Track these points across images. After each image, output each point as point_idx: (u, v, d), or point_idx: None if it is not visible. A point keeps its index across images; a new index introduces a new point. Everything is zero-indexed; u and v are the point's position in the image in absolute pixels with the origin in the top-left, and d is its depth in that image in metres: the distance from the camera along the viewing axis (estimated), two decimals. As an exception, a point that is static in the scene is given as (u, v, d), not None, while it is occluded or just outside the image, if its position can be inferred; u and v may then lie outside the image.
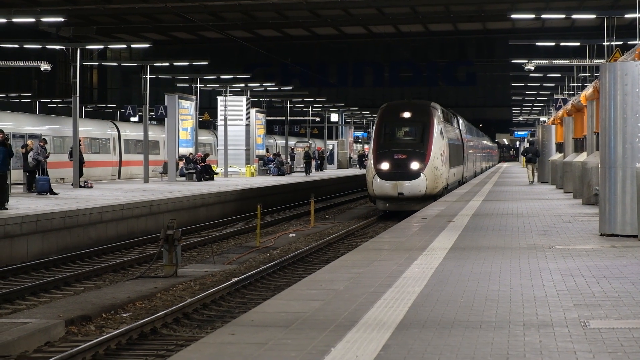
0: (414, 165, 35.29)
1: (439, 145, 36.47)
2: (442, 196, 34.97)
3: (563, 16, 54.63)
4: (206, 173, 48.97)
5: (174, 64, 56.83)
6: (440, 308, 9.84)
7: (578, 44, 53.12)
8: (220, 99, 57.96)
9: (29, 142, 34.31)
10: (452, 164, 40.05)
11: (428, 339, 8.34)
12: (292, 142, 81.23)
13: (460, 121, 51.78)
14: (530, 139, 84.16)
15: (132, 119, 60.64)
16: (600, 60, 40.93)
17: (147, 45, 49.93)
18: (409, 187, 35.01)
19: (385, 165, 35.46)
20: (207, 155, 52.64)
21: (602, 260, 13.73)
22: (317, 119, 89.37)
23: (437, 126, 36.89)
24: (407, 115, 37.22)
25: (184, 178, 49.08)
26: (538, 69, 55.24)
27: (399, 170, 35.37)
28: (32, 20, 46.87)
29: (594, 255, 14.32)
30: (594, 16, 49.83)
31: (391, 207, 36.04)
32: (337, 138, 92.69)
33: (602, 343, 8.08)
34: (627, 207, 16.45)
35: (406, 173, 35.27)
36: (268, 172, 61.78)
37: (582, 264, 13.32)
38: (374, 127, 37.61)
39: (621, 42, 41.26)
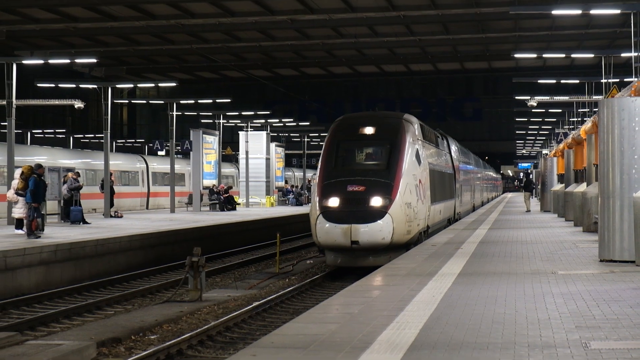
0: (375, 201, 23.61)
1: (413, 173, 25.10)
2: (420, 243, 24.49)
3: (563, 55, 54.68)
4: (229, 203, 49.07)
5: (199, 101, 56.95)
6: (450, 330, 9.80)
7: (577, 81, 53.12)
8: (241, 134, 58.17)
9: (69, 174, 34.48)
10: (435, 198, 29.37)
11: (438, 360, 8.31)
12: (310, 174, 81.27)
13: (452, 144, 40.91)
14: (528, 172, 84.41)
15: (159, 153, 60.87)
16: (599, 97, 40.90)
17: (174, 84, 50.14)
18: (368, 233, 23.22)
19: (333, 201, 23.75)
20: (229, 187, 52.76)
21: (602, 284, 13.66)
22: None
23: (412, 146, 25.63)
24: (368, 131, 25.68)
25: (208, 208, 49.16)
26: (540, 104, 55.22)
27: (353, 208, 23.57)
28: (67, 61, 47.13)
29: (594, 280, 14.26)
30: (592, 55, 49.88)
31: (342, 261, 24.24)
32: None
33: (602, 363, 8.04)
34: (625, 235, 16.40)
35: (363, 212, 23.49)
36: (287, 202, 61.82)
37: (583, 288, 13.26)
38: (323, 148, 26.05)
39: (618, 80, 41.25)
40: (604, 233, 16.85)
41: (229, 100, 56.16)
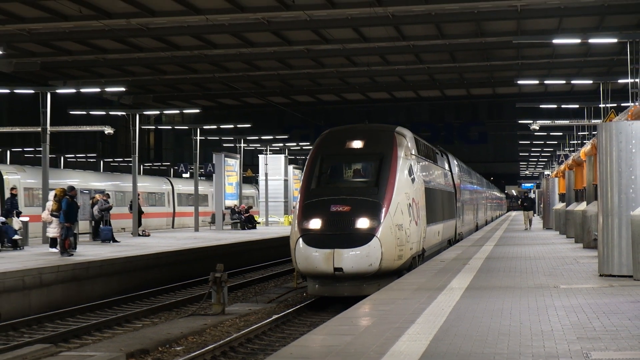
0: (362, 223, 19.84)
1: (405, 191, 21.30)
2: (413, 269, 20.94)
3: (563, 82, 54.63)
4: (249, 222, 49.08)
5: (221, 126, 57.15)
6: (458, 341, 9.79)
7: (577, 106, 53.02)
8: (261, 157, 58.29)
9: (97, 195, 34.60)
10: (432, 219, 25.54)
11: (447, 369, 8.30)
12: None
13: (453, 161, 36.86)
14: (528, 193, 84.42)
15: (184, 175, 61.06)
16: (597, 121, 40.80)
17: (197, 111, 50.43)
18: (353, 258, 19.40)
19: (315, 223, 20.04)
20: (250, 206, 52.77)
21: (602, 298, 13.62)
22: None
23: (405, 162, 21.78)
24: (356, 144, 21.97)
25: (229, 227, 49.18)
26: (542, 128, 55.23)
27: (336, 231, 19.82)
28: (97, 90, 47.44)
29: (594, 294, 14.22)
30: (591, 82, 49.83)
31: (324, 290, 20.38)
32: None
33: (602, 372, 8.02)
34: (623, 250, 16.37)
35: (348, 236, 19.71)
36: (304, 221, 61.72)
37: (584, 301, 13.23)
38: (305, 163, 22.32)
39: (615, 104, 41.16)
40: (603, 249, 16.81)
41: (249, 126, 56.30)
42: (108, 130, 40.15)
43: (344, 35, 46.47)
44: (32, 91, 37.01)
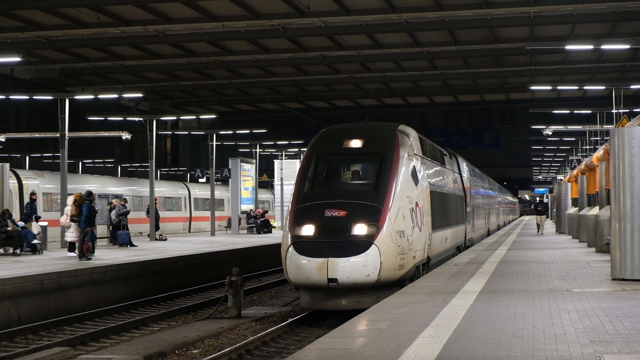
0: (359, 229, 17.86)
1: (407, 195, 19.34)
2: (415, 279, 19.17)
3: (576, 87, 54.53)
4: (265, 227, 49.13)
5: (237, 132, 57.25)
6: (472, 344, 9.78)
7: (590, 111, 52.97)
8: (276, 162, 58.31)
9: (114, 200, 34.71)
10: (438, 224, 23.38)
11: (461, 372, 8.29)
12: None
13: (462, 164, 34.64)
14: (541, 198, 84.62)
15: (200, 180, 61.12)
16: (610, 126, 40.74)
17: (214, 116, 50.46)
18: (348, 268, 17.42)
19: (307, 229, 18.11)
20: (265, 211, 52.81)
21: (614, 301, 13.59)
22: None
23: (407, 163, 19.82)
24: (354, 144, 19.99)
25: (245, 231, 49.23)
26: (555, 133, 55.05)
27: (331, 238, 17.82)
28: (115, 96, 47.62)
29: (606, 297, 14.18)
30: (603, 87, 49.68)
31: (318, 303, 18.42)
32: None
33: (615, 375, 8.00)
34: (635, 255, 16.31)
35: (344, 243, 17.71)
36: (319, 225, 61.66)
37: (597, 305, 13.19)
38: (300, 165, 21.06)
39: (628, 110, 41.13)
40: (615, 253, 16.75)
41: (265, 131, 56.37)
42: (125, 135, 40.28)
43: (359, 41, 46.49)
44: (50, 97, 37.20)
